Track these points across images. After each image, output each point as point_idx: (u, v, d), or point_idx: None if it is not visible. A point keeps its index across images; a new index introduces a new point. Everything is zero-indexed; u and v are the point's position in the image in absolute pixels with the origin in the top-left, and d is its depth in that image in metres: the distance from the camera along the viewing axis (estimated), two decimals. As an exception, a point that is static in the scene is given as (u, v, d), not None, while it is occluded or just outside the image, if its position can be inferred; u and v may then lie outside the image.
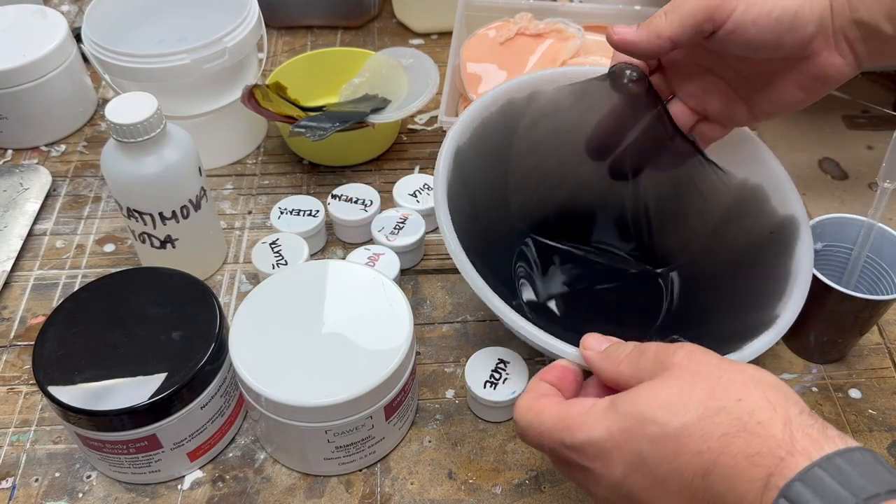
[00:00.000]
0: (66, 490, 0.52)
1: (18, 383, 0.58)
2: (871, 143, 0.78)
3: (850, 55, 0.47)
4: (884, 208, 0.55)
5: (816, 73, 0.48)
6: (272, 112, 0.70)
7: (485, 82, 0.73)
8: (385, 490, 0.52)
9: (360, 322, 0.51)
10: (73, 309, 0.52)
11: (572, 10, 0.81)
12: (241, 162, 0.77)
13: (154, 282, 0.54)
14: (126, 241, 0.69)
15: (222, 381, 0.51)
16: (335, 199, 0.68)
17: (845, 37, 0.46)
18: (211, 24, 0.68)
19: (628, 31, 0.48)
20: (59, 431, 0.55)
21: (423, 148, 0.78)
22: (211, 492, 0.52)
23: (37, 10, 0.79)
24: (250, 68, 0.74)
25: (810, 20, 0.45)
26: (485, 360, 0.55)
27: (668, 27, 0.47)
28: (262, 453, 0.54)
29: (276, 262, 0.62)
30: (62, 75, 0.76)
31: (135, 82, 0.68)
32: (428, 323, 0.62)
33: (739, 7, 0.45)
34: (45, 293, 0.65)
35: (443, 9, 0.88)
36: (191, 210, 0.60)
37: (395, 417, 0.51)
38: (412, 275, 0.66)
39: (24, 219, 0.69)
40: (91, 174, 0.76)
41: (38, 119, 0.77)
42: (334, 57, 0.80)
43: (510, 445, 0.54)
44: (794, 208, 0.54)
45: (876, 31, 0.45)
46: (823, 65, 0.47)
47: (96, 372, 0.48)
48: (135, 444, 0.49)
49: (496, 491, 0.52)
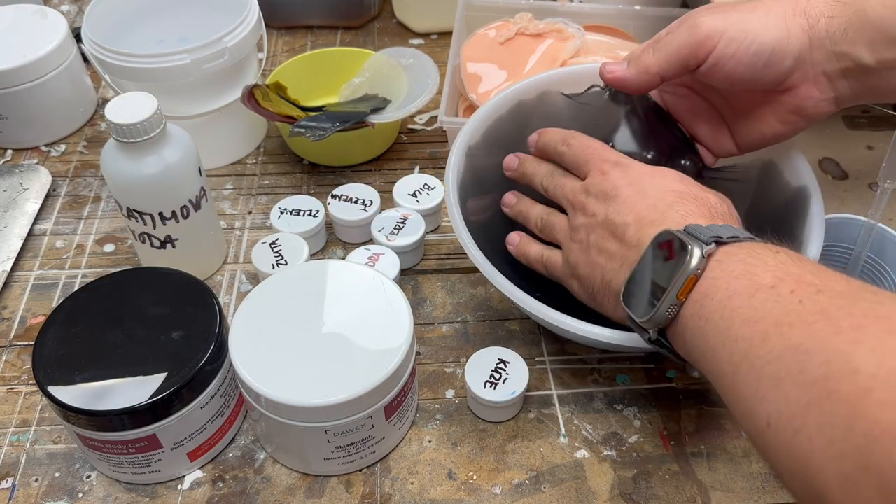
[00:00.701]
0: (66, 490, 0.52)
1: (18, 383, 0.58)
2: (871, 143, 0.78)
3: (829, 91, 0.49)
4: (884, 208, 0.55)
5: (794, 106, 0.50)
6: (272, 112, 0.70)
7: (485, 82, 0.73)
8: (385, 490, 0.52)
9: (360, 322, 0.51)
10: (73, 309, 0.52)
11: (572, 10, 0.81)
12: (241, 162, 0.77)
13: (154, 282, 0.54)
14: (126, 241, 0.69)
15: (222, 381, 0.51)
16: (335, 199, 0.68)
17: (824, 72, 0.48)
18: (211, 24, 0.68)
19: (619, 69, 0.52)
20: (59, 431, 0.55)
21: (423, 148, 0.78)
22: (211, 492, 0.52)
23: (37, 10, 0.79)
24: (250, 68, 0.74)
25: (788, 54, 0.48)
26: (485, 360, 0.55)
27: (656, 63, 0.50)
28: (262, 453, 0.54)
29: (276, 262, 0.62)
30: (62, 75, 0.76)
31: (135, 82, 0.68)
32: (428, 323, 0.62)
33: (721, 43, 0.48)
34: (45, 293, 0.65)
35: (443, 9, 0.88)
36: (191, 210, 0.60)
37: (395, 417, 0.51)
38: (412, 275, 0.66)
39: (24, 219, 0.69)
40: (91, 174, 0.76)
41: (38, 119, 0.77)
42: (334, 57, 0.80)
43: (510, 445, 0.54)
44: (806, 179, 0.55)
45: (857, 64, 0.47)
46: (801, 97, 0.49)
47: (96, 372, 0.48)
48: (135, 444, 0.49)
49: (496, 491, 0.52)
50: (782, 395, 0.33)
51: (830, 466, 0.30)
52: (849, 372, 0.31)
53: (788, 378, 0.33)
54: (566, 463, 0.53)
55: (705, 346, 0.39)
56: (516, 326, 0.62)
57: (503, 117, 0.60)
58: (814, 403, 0.31)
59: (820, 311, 0.34)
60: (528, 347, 0.60)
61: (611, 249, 0.47)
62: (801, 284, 0.36)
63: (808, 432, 0.31)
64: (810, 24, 0.47)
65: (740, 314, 0.37)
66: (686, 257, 0.40)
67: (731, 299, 0.38)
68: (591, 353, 0.60)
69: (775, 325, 0.35)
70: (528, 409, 0.56)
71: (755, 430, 0.35)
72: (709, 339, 0.38)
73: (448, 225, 0.70)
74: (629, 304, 0.44)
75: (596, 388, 0.58)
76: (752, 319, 0.36)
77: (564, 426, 0.55)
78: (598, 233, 0.48)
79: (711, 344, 0.38)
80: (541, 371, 0.59)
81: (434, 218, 0.69)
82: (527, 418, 0.56)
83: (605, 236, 0.47)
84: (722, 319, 0.38)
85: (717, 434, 0.55)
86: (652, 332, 0.42)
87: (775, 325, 0.35)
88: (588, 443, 0.54)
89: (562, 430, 0.55)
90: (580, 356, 0.60)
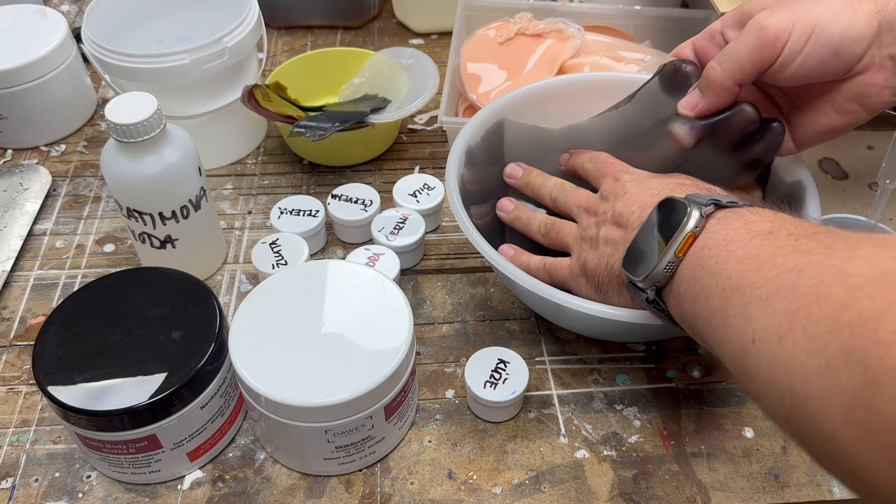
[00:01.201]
0: (66, 490, 0.52)
1: (18, 383, 0.58)
2: (871, 143, 0.78)
3: (894, 78, 0.47)
4: (884, 208, 0.55)
5: (856, 94, 0.48)
6: (272, 112, 0.70)
7: (484, 82, 0.73)
8: (385, 490, 0.52)
9: (360, 322, 0.51)
10: (73, 309, 0.52)
11: (572, 10, 0.81)
12: (241, 162, 0.77)
13: (154, 282, 0.54)
14: (126, 241, 0.69)
15: (222, 381, 0.51)
16: (335, 199, 0.68)
17: (891, 55, 0.46)
18: (211, 24, 0.68)
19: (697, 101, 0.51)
20: (59, 431, 0.55)
21: (423, 148, 0.78)
22: (211, 492, 0.52)
23: (37, 10, 0.79)
24: (250, 68, 0.74)
25: (858, 40, 0.46)
26: (485, 360, 0.55)
27: (730, 77, 0.48)
28: (261, 453, 0.54)
29: (276, 262, 0.62)
30: (62, 75, 0.76)
31: (135, 82, 0.68)
32: (428, 323, 0.62)
33: (791, 40, 0.46)
34: (45, 293, 0.65)
35: (443, 9, 0.88)
36: (191, 210, 0.60)
37: (395, 417, 0.51)
38: (412, 275, 0.66)
39: (24, 219, 0.69)
40: (91, 174, 0.76)
41: (38, 119, 0.77)
42: (334, 57, 0.80)
43: (510, 445, 0.54)
44: (801, 174, 0.55)
45: None
46: (865, 84, 0.47)
47: (96, 372, 0.48)
48: (135, 444, 0.49)
49: (496, 491, 0.52)
50: (770, 310, 0.33)
51: (812, 361, 0.30)
52: (840, 278, 0.31)
53: (778, 294, 0.33)
54: (566, 463, 0.53)
55: (697, 289, 0.40)
56: (516, 326, 0.62)
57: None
58: (802, 309, 0.32)
59: (817, 242, 0.34)
60: (528, 347, 0.60)
61: (615, 237, 0.49)
62: (799, 228, 0.36)
63: (792, 335, 0.32)
64: (878, 7, 0.46)
65: (735, 255, 0.38)
66: (685, 218, 0.41)
67: (727, 245, 0.39)
68: (591, 353, 0.60)
69: (769, 258, 0.35)
70: (528, 409, 0.56)
71: (739, 352, 0.35)
72: (702, 282, 0.39)
73: (448, 225, 0.70)
74: (628, 268, 0.45)
75: (596, 388, 0.58)
76: (747, 257, 0.37)
77: (564, 426, 0.55)
78: (606, 226, 0.50)
79: (703, 285, 0.39)
80: (541, 371, 0.59)
81: (434, 218, 0.69)
82: (527, 418, 0.56)
83: (612, 228, 0.50)
84: (716, 263, 0.39)
85: (717, 434, 0.55)
86: (650, 291, 0.44)
87: (769, 257, 0.35)
88: (588, 443, 0.54)
89: (562, 430, 0.55)
90: (580, 356, 0.60)
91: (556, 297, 0.49)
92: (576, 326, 0.57)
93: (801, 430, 0.32)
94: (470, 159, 0.59)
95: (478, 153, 0.60)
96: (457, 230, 0.70)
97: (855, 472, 0.29)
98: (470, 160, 0.59)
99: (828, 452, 0.30)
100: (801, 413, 0.31)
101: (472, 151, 0.59)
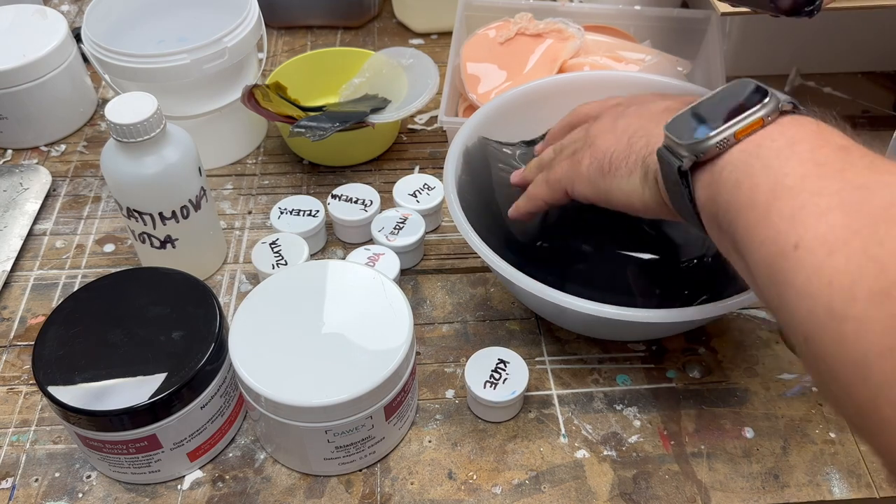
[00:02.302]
0: (66, 490, 0.52)
1: (18, 383, 0.58)
2: (870, 143, 0.78)
3: None
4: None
5: None
6: (272, 112, 0.70)
7: (484, 82, 0.73)
8: (385, 490, 0.52)
9: (360, 322, 0.51)
10: (73, 309, 0.52)
11: (572, 10, 0.81)
12: (241, 162, 0.77)
13: (154, 282, 0.54)
14: (126, 241, 0.69)
15: (222, 381, 0.51)
16: (335, 199, 0.68)
17: None
18: (211, 24, 0.68)
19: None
20: (59, 431, 0.55)
21: (423, 148, 0.78)
22: (211, 492, 0.52)
23: (37, 10, 0.79)
24: (250, 68, 0.74)
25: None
26: (485, 360, 0.55)
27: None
28: (262, 453, 0.54)
29: (276, 262, 0.62)
30: (62, 75, 0.76)
31: (135, 82, 0.68)
32: (428, 323, 0.62)
33: None
34: (45, 293, 0.65)
35: (443, 9, 0.88)
36: (191, 210, 0.60)
37: (395, 417, 0.51)
38: (412, 275, 0.66)
39: (24, 219, 0.69)
40: (91, 174, 0.76)
41: (38, 119, 0.77)
42: (334, 57, 0.80)
43: (510, 445, 0.54)
44: None
45: None
46: None
47: (96, 372, 0.48)
48: (135, 444, 0.49)
49: (496, 491, 0.52)
50: (826, 221, 0.31)
51: (864, 282, 0.29)
52: None
53: (841, 208, 0.31)
54: (566, 463, 0.53)
55: (743, 176, 0.36)
56: (516, 326, 0.62)
57: None
58: (866, 228, 0.30)
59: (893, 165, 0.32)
60: (528, 347, 0.60)
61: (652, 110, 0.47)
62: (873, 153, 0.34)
63: (847, 252, 0.30)
64: None
65: (800, 156, 0.35)
66: (759, 102, 0.37)
67: (794, 145, 0.35)
68: (591, 353, 0.60)
69: (838, 171, 0.33)
70: (528, 409, 0.56)
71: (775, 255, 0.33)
72: (752, 170, 0.36)
73: (448, 225, 0.70)
74: (672, 129, 0.40)
75: (596, 388, 0.58)
76: (813, 161, 0.34)
77: (564, 426, 0.55)
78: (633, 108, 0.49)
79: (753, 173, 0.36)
80: (541, 371, 0.59)
81: (434, 218, 0.69)
82: (527, 418, 0.56)
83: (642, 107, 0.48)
84: (776, 157, 0.35)
85: (717, 434, 0.55)
86: (686, 159, 0.39)
87: (838, 170, 0.33)
88: (588, 443, 0.54)
89: (562, 430, 0.55)
90: (580, 356, 0.60)
91: (556, 298, 0.49)
92: (576, 326, 0.57)
93: (823, 351, 0.30)
94: (468, 160, 0.59)
95: (475, 153, 0.60)
96: (457, 230, 0.70)
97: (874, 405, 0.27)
98: (468, 160, 0.59)
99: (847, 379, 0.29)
100: (831, 333, 0.29)
101: (469, 152, 0.59)
